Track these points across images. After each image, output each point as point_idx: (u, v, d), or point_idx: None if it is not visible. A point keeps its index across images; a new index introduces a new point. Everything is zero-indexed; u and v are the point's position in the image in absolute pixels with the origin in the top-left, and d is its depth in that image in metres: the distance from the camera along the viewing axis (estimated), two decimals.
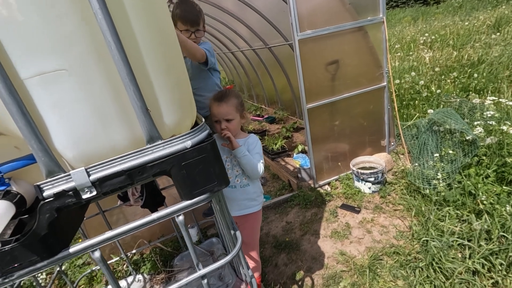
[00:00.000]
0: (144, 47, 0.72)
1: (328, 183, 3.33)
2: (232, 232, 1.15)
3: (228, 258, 0.98)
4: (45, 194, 0.70)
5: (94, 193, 0.74)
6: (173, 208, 0.84)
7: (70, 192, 0.71)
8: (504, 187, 2.21)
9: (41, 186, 0.69)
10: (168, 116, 0.80)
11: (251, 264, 1.76)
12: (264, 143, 4.56)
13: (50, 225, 0.71)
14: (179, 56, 0.87)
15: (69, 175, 0.70)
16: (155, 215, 0.82)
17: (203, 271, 0.95)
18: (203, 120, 0.92)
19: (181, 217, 0.86)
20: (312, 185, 3.32)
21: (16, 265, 0.70)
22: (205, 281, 0.98)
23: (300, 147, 4.05)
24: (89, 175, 0.72)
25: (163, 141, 0.77)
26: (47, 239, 0.71)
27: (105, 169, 0.73)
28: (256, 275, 1.81)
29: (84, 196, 0.73)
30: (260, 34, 5.17)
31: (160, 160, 0.78)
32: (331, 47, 2.83)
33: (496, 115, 2.70)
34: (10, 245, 0.68)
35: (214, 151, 0.84)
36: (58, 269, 1.91)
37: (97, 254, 0.79)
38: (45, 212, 0.70)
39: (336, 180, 3.35)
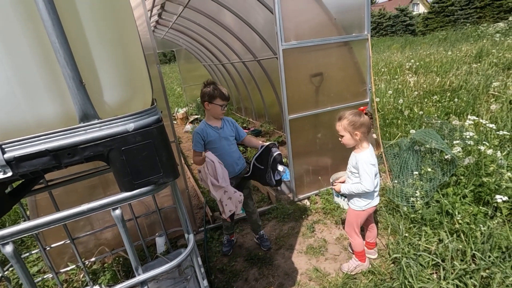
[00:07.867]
0: (84, 10, 0.64)
1: (308, 198, 3.24)
2: (186, 235, 1.04)
3: (173, 263, 0.88)
4: None
5: (9, 173, 0.63)
6: (109, 200, 0.73)
7: None
8: (481, 207, 2.18)
9: None
10: (110, 93, 0.72)
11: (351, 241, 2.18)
12: (245, 155, 4.47)
13: None
14: (133, 29, 0.80)
15: None
16: (84, 207, 0.71)
17: (142, 276, 0.84)
18: (156, 103, 0.84)
19: (117, 211, 0.76)
20: (292, 199, 3.22)
21: None
22: None
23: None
24: (3, 152, 0.62)
25: (100, 120, 0.68)
26: None
27: (25, 147, 0.63)
28: (357, 250, 2.15)
29: None
30: (251, 48, 5.20)
31: (95, 142, 0.68)
32: (316, 59, 2.83)
33: (474, 136, 2.72)
34: None
35: (162, 137, 0.76)
36: (1, 274, 1.72)
37: (8, 248, 0.67)
38: None
39: (316, 194, 3.27)
